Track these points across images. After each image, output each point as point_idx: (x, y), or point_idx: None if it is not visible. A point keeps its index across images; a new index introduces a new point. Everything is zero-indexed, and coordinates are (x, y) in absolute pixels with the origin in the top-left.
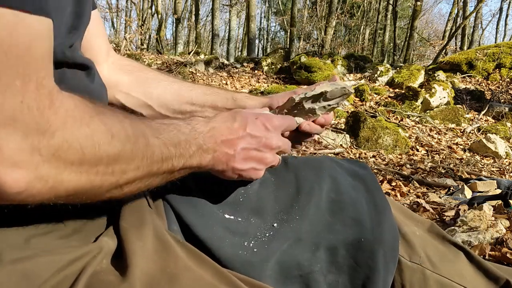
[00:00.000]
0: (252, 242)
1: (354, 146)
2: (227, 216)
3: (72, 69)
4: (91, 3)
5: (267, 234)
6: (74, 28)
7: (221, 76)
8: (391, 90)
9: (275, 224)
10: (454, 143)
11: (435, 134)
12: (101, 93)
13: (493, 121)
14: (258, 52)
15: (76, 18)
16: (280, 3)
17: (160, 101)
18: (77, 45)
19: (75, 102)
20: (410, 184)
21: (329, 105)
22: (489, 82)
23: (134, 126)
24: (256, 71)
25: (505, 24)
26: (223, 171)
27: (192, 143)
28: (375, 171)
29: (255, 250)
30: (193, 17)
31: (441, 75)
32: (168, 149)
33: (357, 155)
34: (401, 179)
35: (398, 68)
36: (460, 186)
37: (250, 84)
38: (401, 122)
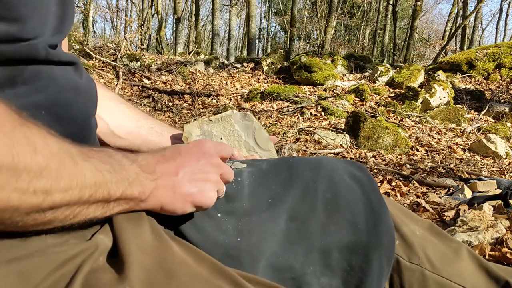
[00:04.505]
0: (245, 240)
1: (354, 146)
2: (219, 215)
3: (59, 66)
4: (74, 7)
5: (258, 233)
6: (58, 31)
7: (221, 76)
8: (391, 90)
9: (267, 220)
10: (454, 143)
11: (435, 134)
12: (90, 88)
13: (493, 121)
14: (258, 52)
15: (59, 21)
16: (280, 3)
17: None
18: (59, 45)
19: None
20: (410, 184)
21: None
22: (489, 82)
23: (61, 144)
24: (256, 71)
25: (505, 24)
26: (173, 203)
27: (128, 169)
28: (375, 171)
29: (247, 248)
30: (193, 17)
31: (441, 75)
32: (102, 173)
33: (357, 155)
34: (401, 179)
35: (398, 68)
36: (460, 186)
37: (250, 84)
38: (401, 122)
